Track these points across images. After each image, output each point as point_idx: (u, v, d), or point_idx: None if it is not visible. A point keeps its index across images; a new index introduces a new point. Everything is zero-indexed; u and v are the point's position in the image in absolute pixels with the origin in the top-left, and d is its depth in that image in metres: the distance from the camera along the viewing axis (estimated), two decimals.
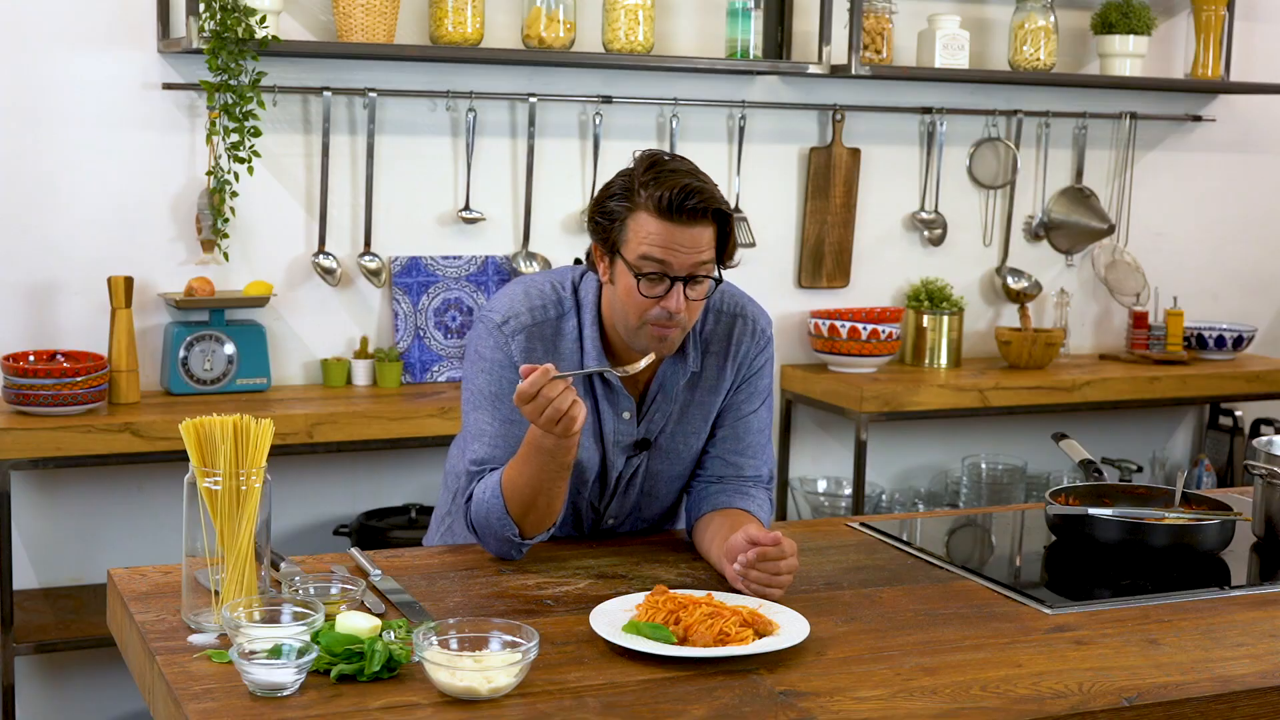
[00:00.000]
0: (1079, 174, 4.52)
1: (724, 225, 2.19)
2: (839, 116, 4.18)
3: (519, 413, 2.18)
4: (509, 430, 2.26)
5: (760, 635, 1.91)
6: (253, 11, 3.38)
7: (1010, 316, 4.48)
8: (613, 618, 1.94)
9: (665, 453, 2.36)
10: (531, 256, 3.88)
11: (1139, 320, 4.48)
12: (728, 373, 2.36)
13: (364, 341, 3.79)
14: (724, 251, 2.21)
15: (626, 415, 2.32)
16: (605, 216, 2.19)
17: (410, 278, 3.79)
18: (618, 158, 3.95)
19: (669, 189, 2.13)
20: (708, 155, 4.08)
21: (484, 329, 2.29)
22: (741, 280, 4.14)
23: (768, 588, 2.07)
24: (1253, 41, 4.67)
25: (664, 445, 2.36)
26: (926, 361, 4.24)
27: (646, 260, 2.14)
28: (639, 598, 2.00)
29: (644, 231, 2.14)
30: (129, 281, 3.46)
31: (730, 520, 2.27)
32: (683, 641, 1.87)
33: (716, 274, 2.21)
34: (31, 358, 3.37)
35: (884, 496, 4.29)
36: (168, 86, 3.55)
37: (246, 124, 3.46)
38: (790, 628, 1.93)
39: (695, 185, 2.14)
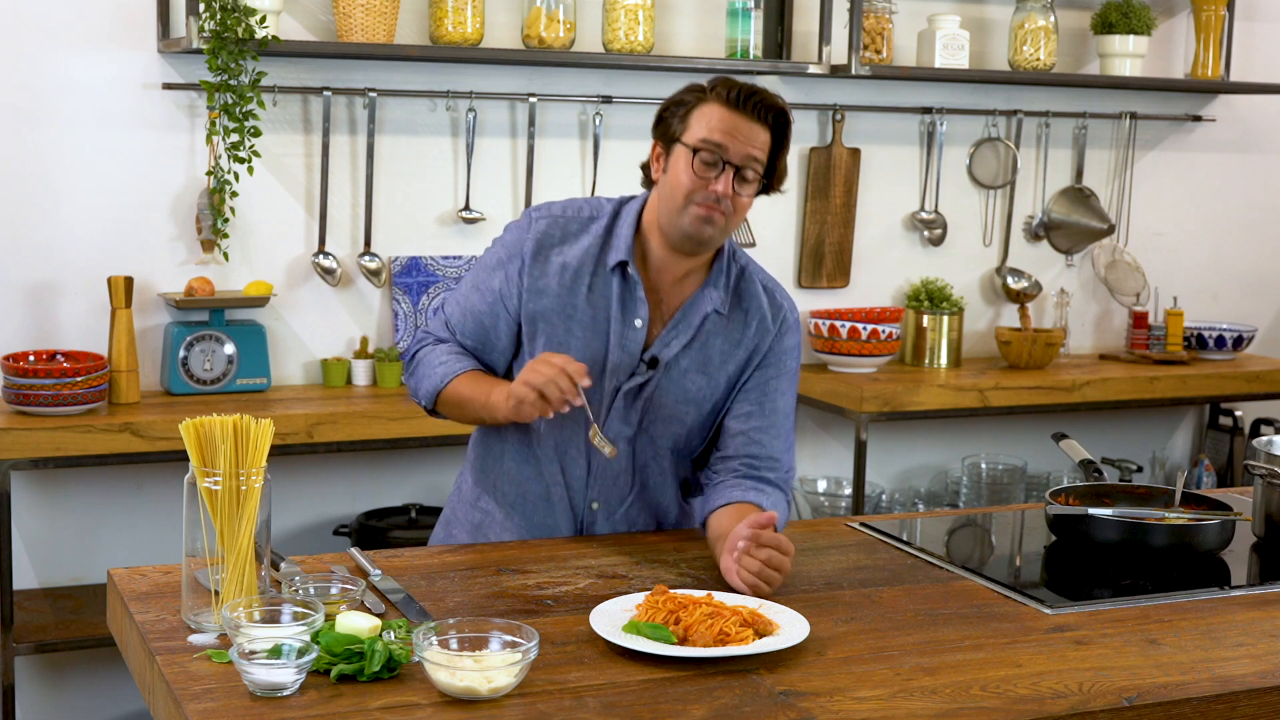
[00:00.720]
0: (1079, 174, 4.52)
1: (780, 139, 2.32)
2: (839, 116, 4.18)
3: (483, 285, 2.41)
4: (470, 296, 2.43)
5: (760, 635, 1.91)
6: (253, 11, 3.38)
7: (1010, 316, 4.49)
8: (613, 618, 1.94)
9: (671, 379, 2.38)
10: None
11: (1139, 320, 4.48)
12: (751, 331, 2.41)
13: (364, 341, 3.79)
14: (775, 168, 2.33)
15: (638, 323, 2.36)
16: (673, 108, 2.33)
17: (410, 278, 3.79)
18: (618, 158, 3.96)
19: (738, 87, 2.30)
20: None
21: (520, 216, 2.46)
22: None
23: (759, 581, 2.08)
24: (1253, 41, 4.67)
25: (672, 372, 2.37)
26: (926, 361, 4.24)
27: (706, 142, 2.26)
28: (639, 598, 2.00)
29: (708, 117, 2.28)
30: (129, 281, 3.46)
31: (742, 515, 2.26)
32: (683, 641, 1.87)
33: (765, 184, 2.33)
34: (31, 358, 3.37)
35: (884, 496, 4.29)
36: (168, 86, 3.55)
37: (246, 124, 3.46)
38: (790, 628, 1.93)
39: (763, 90, 2.32)
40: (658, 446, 2.42)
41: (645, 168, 2.40)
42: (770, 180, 2.34)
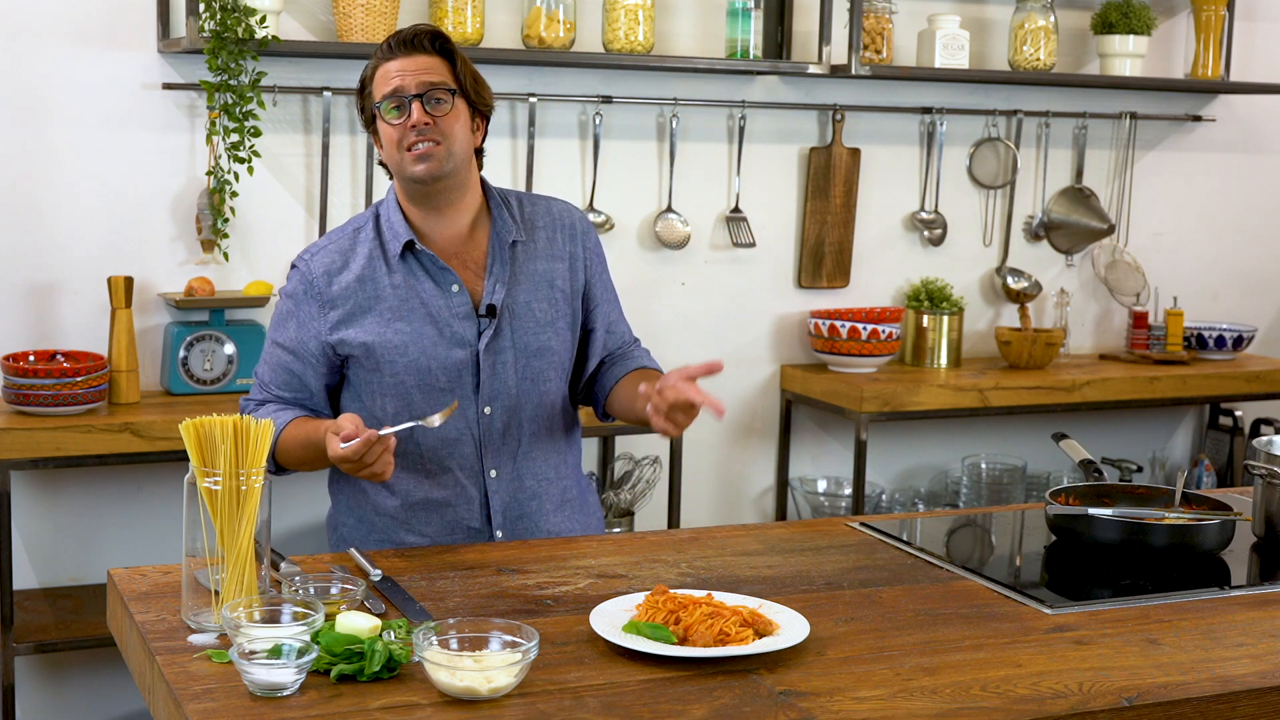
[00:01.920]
0: (1079, 174, 4.52)
1: (450, 60, 2.43)
2: (839, 116, 4.18)
3: (281, 339, 2.48)
4: (274, 353, 2.50)
5: (760, 635, 1.91)
6: (253, 11, 3.38)
7: (1010, 316, 4.49)
8: (613, 618, 1.94)
9: (519, 317, 2.48)
10: None
11: (1139, 320, 4.49)
12: (559, 240, 2.55)
13: None
14: (462, 82, 2.43)
15: (455, 288, 2.45)
16: (359, 100, 2.48)
17: None
18: (618, 158, 3.96)
19: (387, 40, 2.44)
20: (708, 155, 4.08)
21: (290, 272, 2.53)
22: (742, 280, 4.17)
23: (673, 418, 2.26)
24: (1253, 41, 4.67)
25: (516, 309, 2.48)
26: (926, 361, 4.24)
27: (384, 95, 2.40)
28: (639, 598, 2.00)
29: (378, 78, 2.43)
30: (129, 281, 3.46)
31: (640, 374, 2.52)
32: (683, 641, 1.87)
33: (459, 98, 2.42)
34: (31, 358, 3.37)
35: (884, 496, 4.29)
36: (168, 86, 3.55)
37: (246, 124, 3.46)
38: (790, 628, 1.93)
39: (410, 27, 2.44)
40: (542, 385, 2.50)
41: (381, 164, 2.51)
42: (468, 93, 2.43)
